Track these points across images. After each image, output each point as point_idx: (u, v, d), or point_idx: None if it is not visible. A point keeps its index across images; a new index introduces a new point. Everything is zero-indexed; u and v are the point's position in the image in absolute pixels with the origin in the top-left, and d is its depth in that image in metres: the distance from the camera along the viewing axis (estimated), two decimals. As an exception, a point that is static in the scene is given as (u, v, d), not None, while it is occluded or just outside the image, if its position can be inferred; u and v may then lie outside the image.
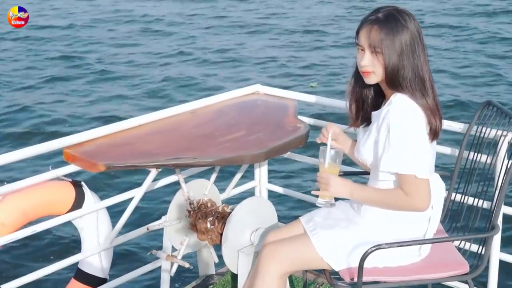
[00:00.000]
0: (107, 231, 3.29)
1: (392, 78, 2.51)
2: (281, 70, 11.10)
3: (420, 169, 2.48)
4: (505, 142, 2.87)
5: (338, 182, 2.61)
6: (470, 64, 10.71)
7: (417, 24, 2.52)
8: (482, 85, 9.69)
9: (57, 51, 12.37)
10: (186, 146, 2.99)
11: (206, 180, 3.45)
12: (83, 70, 11.09)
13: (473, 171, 2.95)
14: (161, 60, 11.71)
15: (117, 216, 3.12)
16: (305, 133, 3.16)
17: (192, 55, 12.04)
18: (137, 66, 11.38)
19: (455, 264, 2.69)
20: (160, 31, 13.90)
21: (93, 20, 15.09)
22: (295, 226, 2.88)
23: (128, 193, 3.22)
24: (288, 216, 3.56)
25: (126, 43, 12.99)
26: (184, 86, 10.16)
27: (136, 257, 3.41)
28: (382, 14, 2.52)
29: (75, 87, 10.09)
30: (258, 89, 3.81)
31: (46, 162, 3.84)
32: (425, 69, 2.52)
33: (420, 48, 2.51)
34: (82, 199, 3.19)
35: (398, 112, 2.47)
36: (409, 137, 2.46)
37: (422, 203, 2.53)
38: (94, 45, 12.89)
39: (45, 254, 4.84)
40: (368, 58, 2.54)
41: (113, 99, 9.56)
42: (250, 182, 3.93)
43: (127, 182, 5.94)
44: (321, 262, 2.67)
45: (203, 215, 3.28)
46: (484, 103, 3.00)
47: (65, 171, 2.99)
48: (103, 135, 3.06)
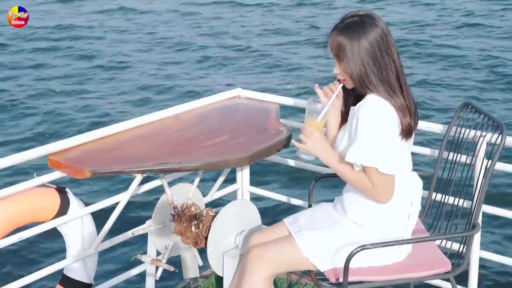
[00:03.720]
0: (92, 236, 3.29)
1: (359, 85, 2.61)
2: (256, 73, 11.12)
3: (383, 163, 2.54)
4: (483, 142, 2.93)
5: (320, 140, 2.65)
6: (449, 67, 10.81)
7: (380, 30, 2.57)
8: (460, 87, 9.80)
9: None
10: (170, 151, 3.01)
11: (189, 184, 3.48)
12: (62, 81, 10.99)
13: (452, 171, 3.01)
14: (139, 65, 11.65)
15: (102, 221, 3.13)
16: (287, 136, 3.20)
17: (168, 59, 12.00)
18: (116, 70, 11.30)
19: (438, 263, 2.74)
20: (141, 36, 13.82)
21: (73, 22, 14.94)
22: (279, 228, 2.92)
23: (113, 198, 3.23)
24: (271, 218, 3.59)
25: (103, 48, 12.88)
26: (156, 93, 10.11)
27: (121, 262, 3.42)
28: (344, 23, 2.59)
29: (55, 99, 9.99)
30: (239, 93, 3.84)
31: (31, 169, 3.83)
32: (390, 72, 2.57)
33: (383, 51, 2.56)
34: (67, 205, 3.19)
35: (367, 108, 2.55)
36: (375, 131, 2.53)
37: (383, 197, 2.61)
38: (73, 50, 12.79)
39: (30, 261, 4.82)
40: (337, 67, 2.64)
41: (91, 106, 9.51)
42: (232, 185, 3.96)
43: (111, 186, 5.93)
44: (307, 263, 2.71)
45: (188, 219, 3.31)
46: (462, 105, 3.06)
47: (50, 178, 3.00)
48: (88, 141, 3.07)
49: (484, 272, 3.32)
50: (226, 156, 2.99)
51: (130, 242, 3.46)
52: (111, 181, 6.05)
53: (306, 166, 3.68)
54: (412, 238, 2.70)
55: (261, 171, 6.39)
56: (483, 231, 3.17)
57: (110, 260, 3.66)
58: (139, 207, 5.31)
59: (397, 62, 2.59)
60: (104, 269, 3.91)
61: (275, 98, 3.76)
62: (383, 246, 2.58)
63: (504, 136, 2.66)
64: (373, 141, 2.53)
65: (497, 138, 2.71)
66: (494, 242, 5.03)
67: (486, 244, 3.35)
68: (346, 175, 2.65)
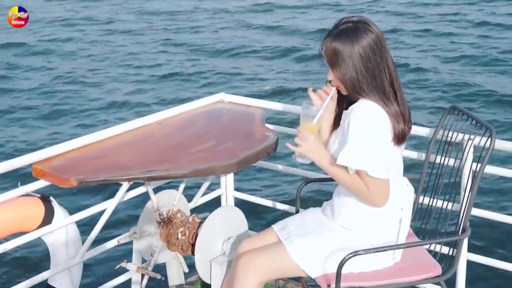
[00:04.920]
0: (77, 245, 3.24)
1: (351, 91, 2.60)
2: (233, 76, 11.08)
3: (373, 166, 2.53)
4: (471, 145, 2.94)
5: (315, 144, 2.64)
6: (434, 70, 10.86)
7: (374, 35, 2.56)
8: (447, 91, 9.83)
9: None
10: (157, 158, 2.98)
11: (174, 191, 3.44)
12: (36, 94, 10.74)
13: (440, 175, 3.02)
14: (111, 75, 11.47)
15: (88, 229, 3.09)
16: (274, 142, 3.18)
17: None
18: (97, 80, 11.11)
19: (428, 267, 2.75)
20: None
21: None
22: (268, 234, 2.89)
23: (98, 206, 3.18)
24: (256, 223, 3.57)
25: (83, 54, 12.69)
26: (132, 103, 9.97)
27: (106, 270, 3.37)
28: (337, 30, 2.57)
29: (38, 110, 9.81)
30: (222, 98, 3.81)
31: (15, 179, 3.74)
32: (384, 78, 2.57)
33: (377, 57, 2.55)
34: (51, 215, 3.15)
35: (359, 111, 2.55)
36: (366, 135, 2.52)
37: (379, 200, 2.60)
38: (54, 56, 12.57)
39: (13, 271, 4.74)
40: (331, 73, 2.63)
41: (74, 114, 9.37)
42: (216, 190, 3.93)
43: (96, 194, 5.86)
44: (297, 270, 2.70)
45: (174, 226, 3.28)
46: (449, 108, 3.06)
47: (34, 187, 2.95)
48: (72, 148, 3.02)
49: (471, 274, 3.33)
50: (214, 163, 2.95)
51: (116, 250, 3.41)
52: (95, 188, 5.97)
53: (292, 170, 3.67)
54: (404, 243, 2.69)
55: (245, 176, 6.35)
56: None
57: (95, 269, 3.61)
58: (123, 214, 5.25)
59: (391, 68, 2.58)
60: (89, 278, 3.86)
61: (259, 102, 3.74)
62: (375, 252, 2.58)
63: (493, 139, 2.66)
64: (363, 144, 2.52)
65: (486, 141, 2.71)
66: (480, 244, 5.09)
67: (472, 247, 3.35)
68: (341, 178, 2.62)
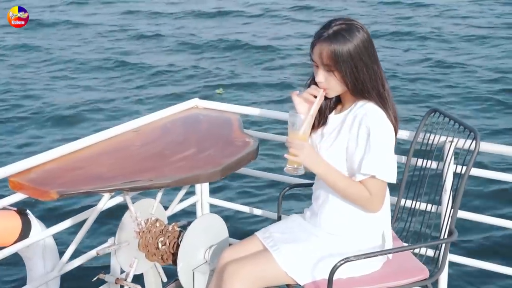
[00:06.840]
0: (54, 259, 3.16)
1: (357, 93, 2.58)
2: (185, 80, 11.00)
3: (393, 175, 2.56)
4: (451, 147, 2.95)
5: (311, 151, 2.59)
6: (415, 72, 10.95)
7: (366, 34, 2.55)
8: (427, 94, 9.90)
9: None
10: (139, 168, 2.90)
11: (152, 199, 3.37)
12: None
13: (422, 178, 3.02)
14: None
15: (66, 241, 3.01)
16: (256, 148, 3.14)
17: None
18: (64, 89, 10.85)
19: (415, 270, 2.75)
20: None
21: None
22: (252, 242, 2.86)
23: (75, 217, 3.11)
24: (233, 230, 3.53)
25: (54, 61, 12.40)
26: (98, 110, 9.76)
27: (85, 283, 3.28)
28: (332, 31, 2.54)
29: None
30: (197, 103, 3.76)
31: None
32: (378, 79, 2.57)
33: (372, 56, 2.55)
34: (28, 228, 3.06)
35: (378, 118, 2.54)
36: (387, 143, 2.54)
37: (378, 205, 2.61)
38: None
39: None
40: (323, 76, 2.58)
41: (39, 125, 9.16)
42: (192, 197, 3.88)
43: (72, 204, 5.73)
44: (286, 277, 2.67)
45: (153, 235, 3.22)
46: (429, 111, 3.07)
47: (10, 201, 2.86)
48: (50, 159, 2.93)
49: (453, 274, 3.36)
50: (197, 171, 2.90)
51: (94, 261, 3.34)
52: (72, 199, 5.84)
53: (269, 176, 3.65)
54: (394, 248, 2.68)
55: (219, 182, 6.27)
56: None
57: (73, 282, 3.51)
58: (101, 224, 5.15)
59: (381, 67, 2.58)
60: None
61: (234, 107, 3.70)
62: (366, 257, 2.56)
63: (478, 142, 2.68)
64: (385, 153, 2.53)
65: (471, 144, 2.73)
66: (463, 246, 5.15)
67: (453, 247, 3.38)
68: (339, 184, 2.59)
